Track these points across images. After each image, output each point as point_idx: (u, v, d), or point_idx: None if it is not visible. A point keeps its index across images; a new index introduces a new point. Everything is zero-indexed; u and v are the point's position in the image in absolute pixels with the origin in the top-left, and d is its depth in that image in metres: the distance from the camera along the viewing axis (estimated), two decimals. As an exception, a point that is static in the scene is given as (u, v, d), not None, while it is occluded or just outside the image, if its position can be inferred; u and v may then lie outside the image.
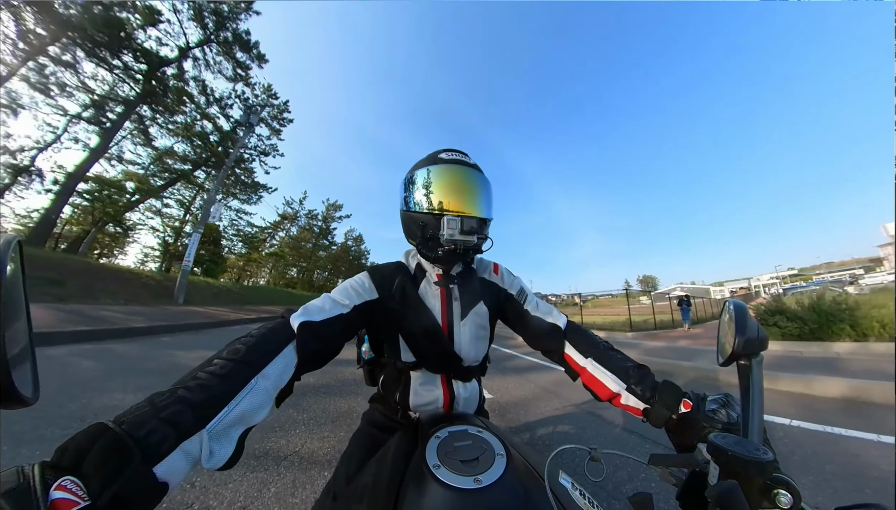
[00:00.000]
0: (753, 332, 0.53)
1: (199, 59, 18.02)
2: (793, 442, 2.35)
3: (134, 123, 17.43)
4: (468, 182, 0.81)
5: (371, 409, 0.99)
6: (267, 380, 0.52)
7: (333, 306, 0.70)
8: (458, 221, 0.74)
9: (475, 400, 0.93)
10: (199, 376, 0.46)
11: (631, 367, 0.72)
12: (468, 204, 0.80)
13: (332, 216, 40.79)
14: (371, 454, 0.71)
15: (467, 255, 0.82)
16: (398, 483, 0.52)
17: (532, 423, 2.80)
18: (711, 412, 0.59)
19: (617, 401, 0.72)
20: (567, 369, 0.84)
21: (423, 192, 0.81)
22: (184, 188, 22.38)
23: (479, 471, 0.48)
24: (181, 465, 0.39)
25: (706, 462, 0.47)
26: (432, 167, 0.82)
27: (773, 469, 0.40)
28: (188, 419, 0.40)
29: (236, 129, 20.32)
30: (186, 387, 0.44)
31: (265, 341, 0.56)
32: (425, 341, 0.82)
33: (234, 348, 0.53)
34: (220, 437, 0.44)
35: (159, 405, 0.40)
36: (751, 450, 0.43)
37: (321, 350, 0.65)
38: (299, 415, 2.64)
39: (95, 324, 5.43)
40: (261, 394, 0.50)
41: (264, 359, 0.53)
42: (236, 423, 0.47)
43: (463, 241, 0.75)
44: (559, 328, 0.84)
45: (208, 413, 0.43)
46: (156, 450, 0.36)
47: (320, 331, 0.65)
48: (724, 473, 0.43)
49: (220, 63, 18.69)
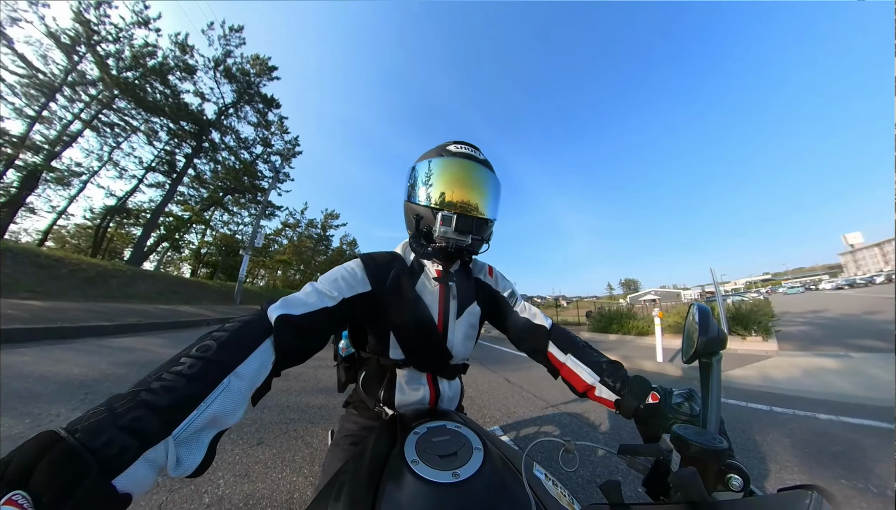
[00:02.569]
0: (715, 333, 0.57)
1: (231, 114, 23.61)
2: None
3: (190, 172, 23.13)
4: (472, 178, 0.78)
5: (347, 413, 0.94)
6: (241, 380, 0.48)
7: (319, 298, 0.65)
8: (452, 218, 0.72)
9: (458, 397, 0.94)
10: (163, 377, 0.41)
11: (604, 362, 0.77)
12: (468, 201, 0.76)
13: (330, 224, 46.37)
14: (351, 453, 0.70)
15: (460, 255, 0.79)
16: (377, 479, 0.51)
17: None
18: (677, 405, 0.63)
19: (592, 394, 0.76)
20: (549, 367, 0.86)
21: (424, 184, 0.79)
22: (217, 211, 28.01)
23: (458, 466, 0.49)
24: (144, 475, 0.35)
25: (669, 451, 0.52)
26: (437, 159, 0.79)
27: (727, 456, 0.45)
28: (151, 426, 0.37)
29: (256, 161, 25.89)
30: (150, 389, 0.39)
31: (239, 336, 0.51)
32: (419, 337, 0.80)
33: (204, 345, 0.47)
34: (188, 443, 0.41)
35: (118, 411, 0.36)
36: (708, 439, 0.47)
37: (302, 346, 0.60)
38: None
39: (216, 313, 11.60)
40: (234, 395, 0.46)
41: (238, 357, 0.49)
42: (206, 427, 0.43)
43: (455, 239, 0.73)
44: (545, 329, 0.87)
45: (174, 418, 0.39)
46: (115, 461, 0.33)
47: (301, 325, 0.59)
48: (685, 461, 0.48)
49: (246, 114, 24.29)
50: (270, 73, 23.28)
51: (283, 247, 41.82)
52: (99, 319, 5.89)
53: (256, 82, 22.94)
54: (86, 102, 17.59)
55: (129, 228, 24.20)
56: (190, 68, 19.80)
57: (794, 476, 2.17)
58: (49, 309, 6.21)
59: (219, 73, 21.16)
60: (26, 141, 15.48)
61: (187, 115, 19.97)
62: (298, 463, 2.05)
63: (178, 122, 19.83)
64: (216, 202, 26.02)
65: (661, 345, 6.31)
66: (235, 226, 28.50)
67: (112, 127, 18.88)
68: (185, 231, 25.05)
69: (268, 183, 24.06)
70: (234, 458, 2.03)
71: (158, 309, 9.45)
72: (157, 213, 20.29)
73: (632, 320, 11.04)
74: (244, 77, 22.17)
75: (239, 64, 21.72)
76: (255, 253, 31.31)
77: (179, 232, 24.21)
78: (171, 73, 19.07)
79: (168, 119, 19.41)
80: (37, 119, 15.81)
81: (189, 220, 24.00)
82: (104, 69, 16.95)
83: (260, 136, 25.42)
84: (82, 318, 5.71)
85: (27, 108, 15.56)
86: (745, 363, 5.70)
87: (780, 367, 5.28)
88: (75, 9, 16.09)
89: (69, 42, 16.18)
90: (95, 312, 6.70)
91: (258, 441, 2.29)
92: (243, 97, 22.90)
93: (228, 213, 27.65)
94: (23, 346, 4.05)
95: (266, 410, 2.83)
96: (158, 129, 19.85)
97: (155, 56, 18.57)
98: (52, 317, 5.44)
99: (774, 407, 3.52)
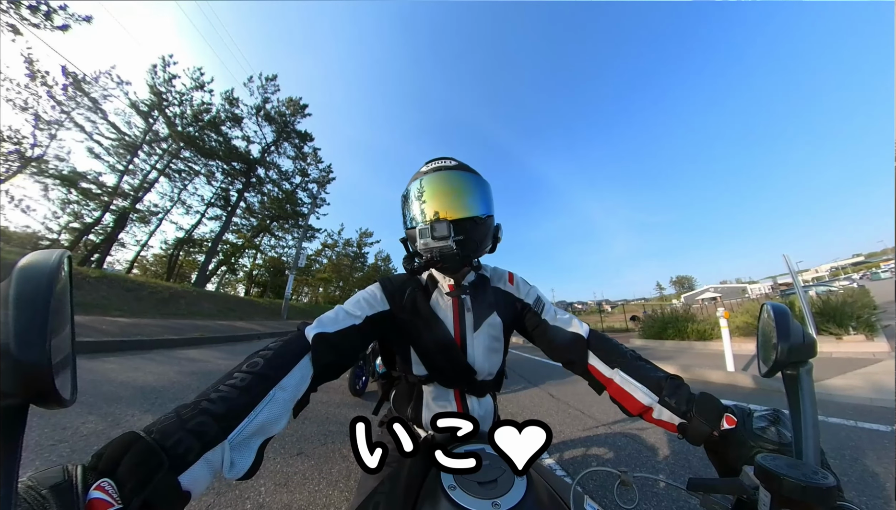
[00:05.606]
0: (799, 337, 0.47)
1: (272, 151, 26.90)
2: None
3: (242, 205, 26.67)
4: (443, 186, 0.79)
5: (382, 432, 0.91)
6: (284, 392, 0.55)
7: (346, 318, 0.72)
8: (427, 229, 0.72)
9: (490, 417, 0.89)
10: (220, 389, 0.49)
11: (663, 378, 0.67)
12: (442, 209, 0.77)
13: (364, 242, 49.28)
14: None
15: (451, 261, 0.75)
16: (412, 502, 0.50)
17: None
18: (759, 430, 0.53)
19: (649, 416, 0.67)
20: (591, 382, 0.80)
21: (408, 209, 0.82)
22: (266, 237, 31.65)
23: (498, 494, 0.46)
24: (204, 475, 0.41)
25: (755, 488, 0.42)
26: (414, 182, 0.82)
27: (835, 496, 0.36)
28: (211, 430, 0.43)
29: (297, 190, 28.95)
30: (209, 399, 0.46)
31: (281, 354, 0.59)
32: (437, 353, 0.80)
33: (252, 361, 0.55)
34: (240, 448, 0.47)
35: (185, 417, 0.43)
36: (808, 474, 0.37)
37: (336, 361, 0.66)
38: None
39: (266, 328, 13.23)
40: (279, 406, 0.53)
41: (281, 372, 0.56)
42: (256, 434, 0.49)
43: (438, 247, 0.72)
44: (581, 337, 0.80)
45: (230, 424, 0.46)
46: (182, 459, 0.39)
47: (334, 342, 0.66)
48: (777, 501, 0.38)
49: (285, 149, 27.47)
50: (303, 111, 26.24)
51: (324, 266, 45.02)
52: (170, 333, 7.10)
53: (292, 121, 25.98)
54: (159, 155, 21.38)
55: (194, 255, 28.29)
56: (237, 118, 23.11)
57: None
58: (132, 325, 7.47)
59: (260, 118, 24.36)
60: (118, 190, 19.25)
61: (237, 157, 23.22)
62: (335, 476, 2.06)
63: (230, 163, 23.11)
64: (264, 229, 29.41)
65: (730, 351, 5.38)
66: (281, 249, 31.69)
67: (180, 173, 22.66)
68: (240, 256, 28.79)
69: (307, 208, 26.92)
70: (275, 467, 2.12)
71: (218, 324, 10.94)
72: (217, 242, 23.71)
73: (691, 323, 9.63)
74: (281, 118, 25.27)
75: (276, 107, 24.84)
76: (298, 272, 34.29)
77: (235, 257, 27.98)
78: (222, 124, 22.45)
79: (222, 161, 22.76)
80: (125, 172, 19.63)
81: (242, 245, 27.64)
82: (172, 127, 20.57)
83: (298, 168, 28.43)
84: (157, 333, 6.92)
85: (118, 164, 19.46)
86: (845, 369, 4.64)
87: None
88: (150, 82, 19.88)
89: (146, 109, 19.97)
90: (167, 327, 7.93)
91: (298, 451, 2.38)
92: (282, 135, 25.99)
93: (275, 237, 31.00)
94: (111, 355, 4.91)
95: (307, 421, 2.92)
96: (215, 170, 23.35)
97: (209, 111, 22.04)
98: (135, 331, 6.60)
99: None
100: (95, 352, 5.00)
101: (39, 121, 16.81)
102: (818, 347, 0.50)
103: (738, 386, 4.67)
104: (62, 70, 16.79)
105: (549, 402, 4.04)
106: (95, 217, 18.94)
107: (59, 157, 17.36)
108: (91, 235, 19.34)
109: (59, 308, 0.30)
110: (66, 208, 18.44)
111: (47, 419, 2.39)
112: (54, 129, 17.33)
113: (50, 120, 17.14)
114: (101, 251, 19.40)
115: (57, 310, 0.29)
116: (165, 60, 20.07)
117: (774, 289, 53.28)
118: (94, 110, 18.09)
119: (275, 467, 2.15)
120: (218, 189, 24.51)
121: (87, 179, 17.99)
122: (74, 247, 18.29)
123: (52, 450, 2.11)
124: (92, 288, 10.36)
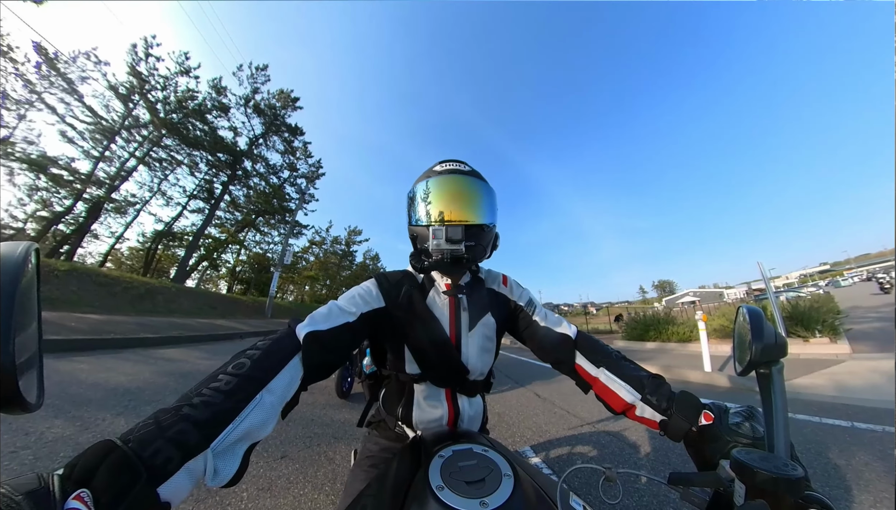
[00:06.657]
0: (771, 338, 0.50)
1: (261, 144, 25.94)
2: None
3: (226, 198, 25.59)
4: (458, 190, 0.81)
5: (369, 433, 0.94)
6: (272, 395, 0.52)
7: (340, 314, 0.70)
8: (442, 231, 0.74)
9: (479, 417, 0.90)
10: (203, 393, 0.46)
11: (645, 377, 0.71)
12: (456, 212, 0.79)
13: (353, 240, 48.44)
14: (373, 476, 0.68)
15: (458, 264, 0.78)
16: (400, 504, 0.49)
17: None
18: (735, 425, 0.56)
19: (632, 413, 0.70)
20: (578, 381, 0.82)
21: (418, 206, 0.83)
22: (251, 232, 30.50)
23: (486, 494, 0.46)
24: (184, 485, 0.39)
25: (731, 480, 0.45)
26: (427, 180, 0.83)
27: (804, 486, 0.39)
28: (193, 438, 0.40)
29: (284, 185, 28.05)
30: (191, 404, 0.43)
31: (270, 354, 0.56)
32: (433, 351, 0.80)
33: (239, 362, 0.52)
34: (224, 455, 0.45)
35: (164, 424, 0.40)
36: (779, 466, 0.40)
37: (328, 360, 0.64)
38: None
39: (249, 327, 12.67)
40: (266, 410, 0.50)
41: (269, 374, 0.53)
42: (241, 440, 0.47)
43: (449, 249, 0.74)
44: (569, 338, 0.83)
45: (213, 431, 0.43)
46: (161, 470, 0.37)
47: (327, 340, 0.64)
48: (752, 492, 0.41)
49: (274, 143, 26.56)
50: (294, 104, 25.47)
51: (311, 263, 44.08)
52: (145, 331, 6.67)
53: (282, 114, 25.19)
54: (139, 142, 20.25)
55: (174, 250, 26.83)
56: (224, 107, 22.20)
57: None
58: (105, 322, 7.10)
59: (248, 109, 23.52)
60: (92, 177, 18.06)
61: (223, 148, 22.29)
62: (321, 480, 2.02)
63: (216, 154, 22.17)
64: (249, 224, 28.34)
65: (707, 353, 5.68)
66: (266, 245, 30.75)
67: (161, 162, 21.51)
68: (222, 251, 27.44)
69: (295, 204, 26.08)
70: (258, 471, 2.05)
71: (198, 322, 10.41)
72: (198, 236, 22.58)
73: (671, 325, 10.12)
74: (271, 110, 24.47)
75: (266, 99, 24.06)
76: (284, 270, 33.41)
77: (217, 252, 26.62)
78: (208, 113, 21.51)
79: (207, 152, 21.80)
80: (100, 159, 18.45)
81: (225, 240, 26.33)
82: (154, 113, 19.54)
83: (287, 162, 27.61)
84: (131, 331, 6.50)
85: (93, 150, 18.25)
86: (811, 369, 4.93)
87: (857, 373, 4.56)
88: (129, 63, 18.80)
89: (126, 92, 18.87)
90: (143, 325, 7.47)
91: (282, 454, 2.31)
92: (271, 128, 25.16)
93: (260, 233, 29.95)
94: (81, 355, 4.59)
95: (291, 423, 2.85)
96: (199, 161, 22.30)
97: (195, 99, 21.07)
98: (107, 329, 6.21)
99: (857, 422, 2.99)
100: (64, 352, 4.63)
101: (7, 99, 15.64)
102: (788, 348, 0.53)
103: (714, 385, 4.89)
104: (35, 46, 15.72)
105: (536, 402, 4.09)
106: (66, 205, 17.63)
107: (27, 139, 16.19)
108: (61, 225, 18.02)
109: (24, 304, 0.28)
110: (34, 195, 17.09)
111: (8, 424, 2.16)
112: (23, 109, 16.16)
113: (19, 99, 15.98)
114: (71, 242, 18.17)
115: (22, 306, 0.28)
116: (148, 42, 19.05)
117: (749, 294, 56.52)
118: (68, 92, 16.97)
119: (258, 471, 2.07)
120: (201, 180, 23.44)
121: (58, 165, 16.74)
122: (42, 237, 17.08)
123: (12, 457, 1.88)
124: (60, 282, 9.58)
